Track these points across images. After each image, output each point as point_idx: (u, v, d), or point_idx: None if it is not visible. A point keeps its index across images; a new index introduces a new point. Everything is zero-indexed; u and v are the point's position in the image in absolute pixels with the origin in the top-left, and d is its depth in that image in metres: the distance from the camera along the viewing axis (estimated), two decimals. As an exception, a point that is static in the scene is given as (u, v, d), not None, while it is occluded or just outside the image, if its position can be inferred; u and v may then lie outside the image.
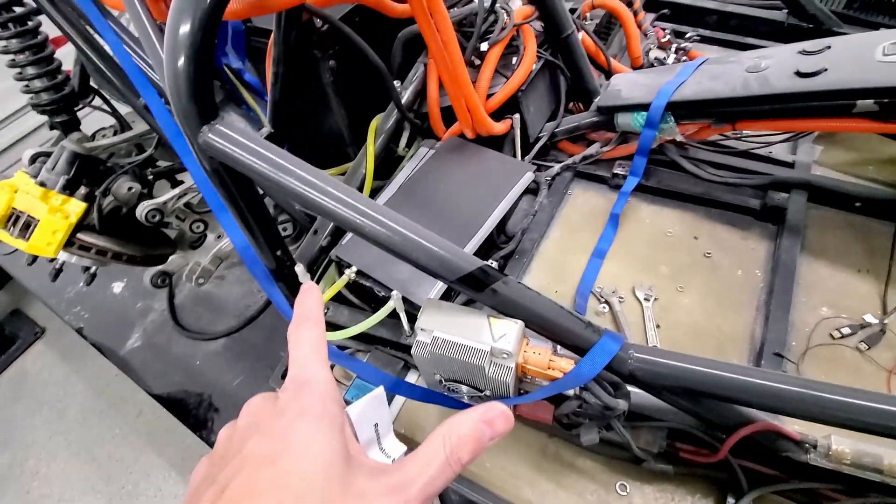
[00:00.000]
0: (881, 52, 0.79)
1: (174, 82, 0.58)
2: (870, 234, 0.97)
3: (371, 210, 0.61)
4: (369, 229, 0.61)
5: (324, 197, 0.61)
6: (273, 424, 0.29)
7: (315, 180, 0.60)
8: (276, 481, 0.25)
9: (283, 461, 0.26)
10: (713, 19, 1.49)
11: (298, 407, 0.29)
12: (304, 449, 0.27)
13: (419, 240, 0.61)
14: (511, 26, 1.00)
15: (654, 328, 0.92)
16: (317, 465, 0.26)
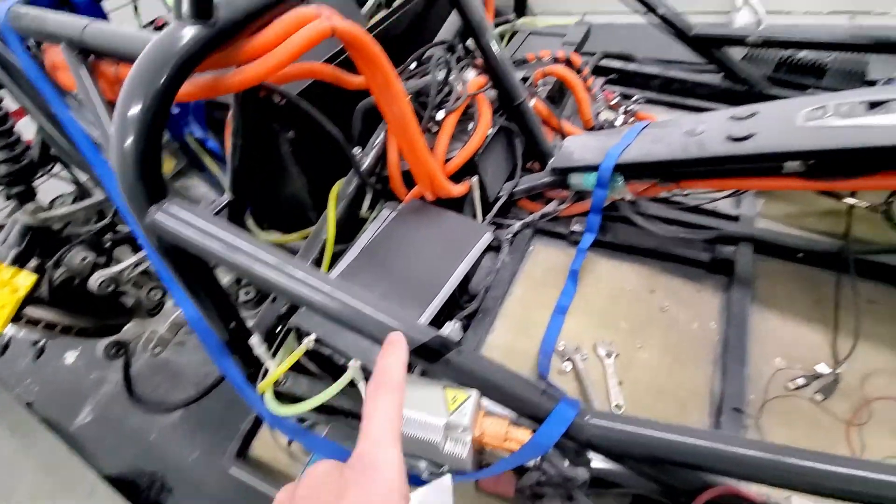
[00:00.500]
0: (802, 117, 0.86)
1: (121, 162, 0.58)
2: (815, 284, 1.01)
3: (321, 284, 0.61)
4: (319, 303, 0.61)
5: (274, 273, 0.61)
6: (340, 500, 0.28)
7: (265, 257, 0.60)
8: None
9: None
10: (657, 83, 1.60)
11: (362, 494, 0.29)
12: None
13: (370, 312, 0.61)
14: (465, 96, 1.05)
15: (616, 386, 0.92)
16: None
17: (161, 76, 0.55)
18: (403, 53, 1.18)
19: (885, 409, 0.84)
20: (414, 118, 0.90)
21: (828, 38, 1.35)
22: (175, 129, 1.12)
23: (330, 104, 1.05)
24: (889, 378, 0.87)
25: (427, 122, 1.02)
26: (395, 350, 0.35)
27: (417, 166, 0.99)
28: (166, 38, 0.56)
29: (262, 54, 0.65)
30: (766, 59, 1.49)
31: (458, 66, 1.13)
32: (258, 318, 0.91)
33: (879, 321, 0.94)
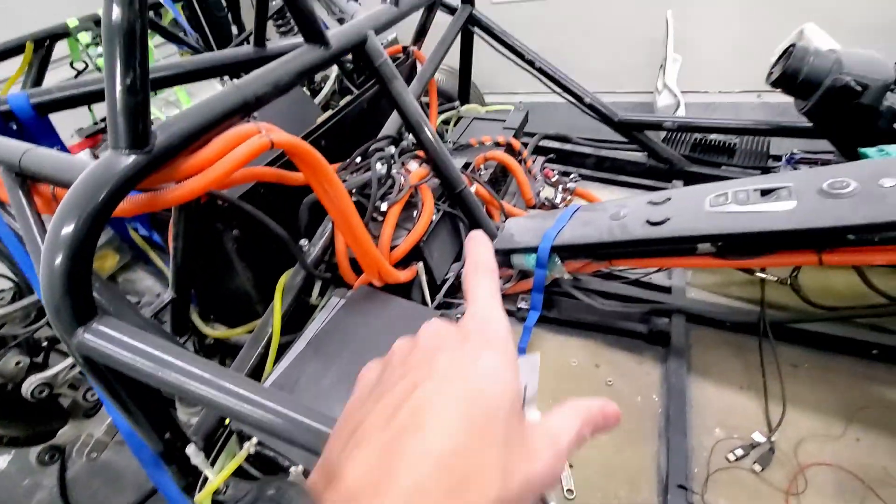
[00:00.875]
0: (708, 203, 0.95)
1: (49, 280, 0.58)
2: (743, 350, 1.08)
3: (252, 396, 0.61)
4: (251, 418, 0.60)
5: (206, 390, 0.60)
6: (460, 348, 0.29)
7: (197, 374, 0.60)
8: (468, 396, 0.26)
9: (475, 381, 0.27)
10: (591, 161, 1.74)
11: (484, 339, 0.30)
12: (494, 376, 0.27)
13: (302, 423, 0.61)
14: (408, 187, 1.11)
15: (567, 468, 0.92)
16: (505, 393, 0.27)
17: (94, 202, 0.57)
18: (354, 146, 1.25)
19: (819, 475, 0.88)
20: (355, 213, 0.95)
21: (734, 124, 1.52)
22: (119, 227, 1.12)
23: (277, 198, 1.09)
24: (819, 443, 0.92)
25: (370, 215, 1.06)
26: (481, 243, 0.37)
27: (363, 257, 1.02)
28: (100, 166, 0.58)
29: (200, 171, 0.68)
30: (683, 139, 1.65)
31: (401, 158, 1.20)
32: (196, 423, 0.88)
33: (803, 385, 1.00)
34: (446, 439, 0.24)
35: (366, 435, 0.25)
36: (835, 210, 0.79)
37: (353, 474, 0.24)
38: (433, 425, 0.24)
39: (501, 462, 0.25)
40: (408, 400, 0.26)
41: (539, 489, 0.26)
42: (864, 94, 0.99)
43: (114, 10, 0.54)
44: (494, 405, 0.26)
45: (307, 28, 0.87)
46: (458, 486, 0.23)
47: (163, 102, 1.67)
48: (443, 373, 0.27)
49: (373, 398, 0.28)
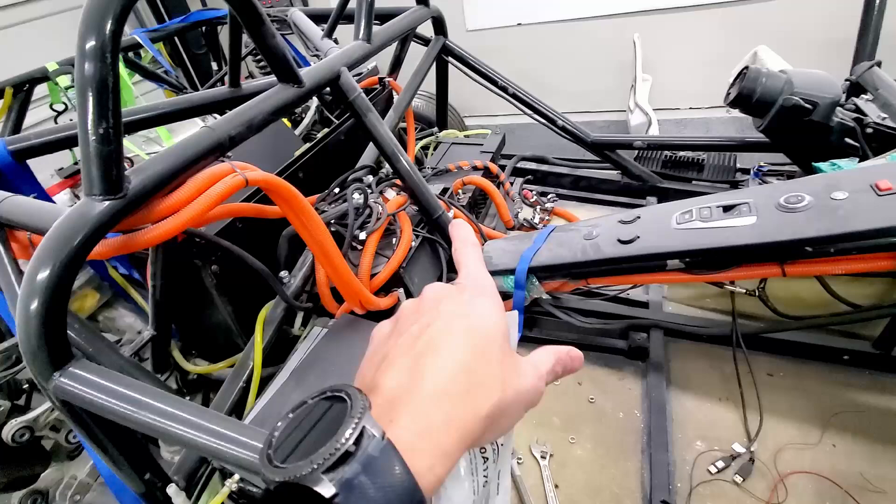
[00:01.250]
0: (674, 221, 0.98)
1: (25, 326, 0.59)
2: (720, 362, 1.10)
3: (233, 434, 0.61)
4: (232, 457, 0.61)
5: (185, 430, 0.61)
6: (459, 297, 0.36)
7: (174, 415, 0.61)
8: (470, 329, 0.33)
9: (474, 319, 0.34)
10: (568, 181, 1.78)
11: (477, 290, 0.38)
12: (488, 315, 0.35)
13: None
14: (385, 216, 1.14)
15: (552, 489, 0.93)
16: (497, 327, 0.34)
17: (68, 248, 0.58)
18: (333, 176, 1.28)
19: (799, 483, 0.89)
20: (333, 244, 0.96)
21: (702, 141, 1.58)
22: (98, 266, 1.12)
23: (256, 232, 1.11)
24: (797, 451, 0.93)
25: (348, 245, 1.08)
26: (464, 225, 0.48)
27: (343, 286, 1.03)
28: (75, 213, 0.59)
29: (175, 212, 0.70)
30: (654, 157, 1.71)
31: (378, 187, 1.22)
32: (178, 461, 0.87)
33: (779, 393, 1.02)
34: (457, 358, 0.31)
35: (393, 359, 0.32)
36: (792, 224, 0.83)
37: (389, 385, 0.30)
38: (446, 349, 0.31)
39: (499, 376, 0.32)
40: (423, 334, 0.33)
41: (525, 401, 0.34)
42: (815, 111, 1.04)
43: (86, 65, 0.56)
44: (491, 336, 0.33)
45: (279, 68, 0.90)
46: (469, 390, 0.30)
47: (143, 139, 1.69)
48: (449, 313, 0.34)
49: (394, 337, 0.35)
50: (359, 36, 1.24)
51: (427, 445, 0.27)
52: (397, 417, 0.28)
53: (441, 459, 0.27)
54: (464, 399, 0.29)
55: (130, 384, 0.61)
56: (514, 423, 0.35)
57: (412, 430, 0.27)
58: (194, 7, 3.24)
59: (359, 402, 0.26)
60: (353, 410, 0.26)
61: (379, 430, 0.26)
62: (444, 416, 0.28)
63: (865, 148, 1.08)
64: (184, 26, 2.06)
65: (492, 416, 0.31)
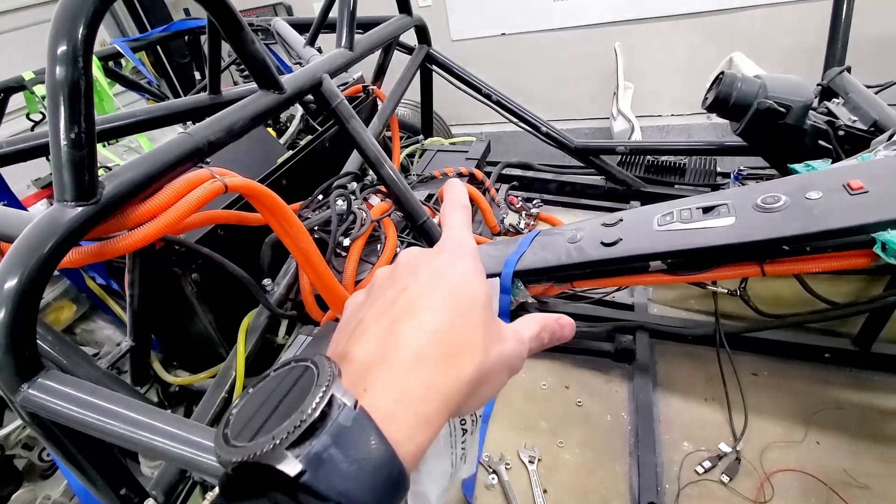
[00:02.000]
0: (656, 223, 0.99)
1: (-7, 337, 0.57)
2: (705, 362, 1.10)
3: (205, 441, 0.60)
4: (211, 469, 0.59)
5: (160, 441, 0.59)
6: (437, 259, 0.33)
7: (148, 425, 0.59)
8: (451, 290, 0.30)
9: (454, 280, 0.31)
10: (553, 186, 1.80)
11: (458, 252, 0.34)
12: (469, 277, 0.32)
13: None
14: (369, 222, 1.13)
15: (541, 494, 0.92)
16: (479, 289, 0.31)
17: (37, 255, 0.57)
18: (317, 183, 1.27)
19: (784, 481, 0.90)
20: (316, 251, 0.95)
21: (683, 146, 1.61)
22: (75, 276, 1.10)
23: (238, 239, 1.09)
24: (782, 449, 0.94)
25: (332, 252, 1.07)
26: (457, 184, 0.43)
27: (327, 293, 1.02)
28: (45, 219, 0.58)
29: (151, 219, 0.68)
30: (637, 162, 1.73)
31: (362, 194, 1.22)
32: (157, 474, 0.85)
33: (763, 392, 1.03)
34: (438, 319, 0.29)
35: (367, 325, 0.29)
36: (769, 223, 0.84)
37: (362, 352, 0.28)
38: (424, 311, 0.29)
39: (482, 339, 0.30)
40: (399, 298, 0.30)
41: (508, 366, 0.33)
42: (788, 114, 1.06)
43: (57, 69, 0.55)
44: (472, 297, 0.31)
45: (259, 74, 0.90)
46: (450, 353, 0.28)
47: (124, 149, 1.67)
48: (426, 276, 0.32)
49: (367, 304, 0.32)
50: (341, 44, 1.25)
51: (406, 413, 0.25)
52: (372, 385, 0.25)
53: (422, 427, 0.25)
54: (445, 363, 0.27)
55: (103, 394, 0.59)
56: (496, 391, 0.33)
57: (388, 397, 0.25)
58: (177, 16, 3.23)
59: (326, 369, 0.24)
60: (321, 379, 0.23)
61: (351, 398, 0.23)
62: (424, 382, 0.26)
63: (838, 149, 1.11)
64: (166, 35, 2.04)
65: (474, 381, 0.29)
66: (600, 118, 3.13)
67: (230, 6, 0.82)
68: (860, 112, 1.16)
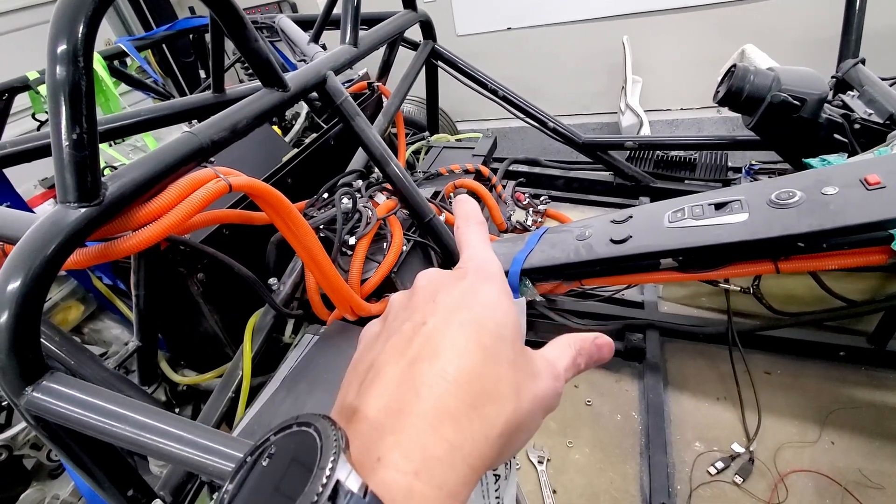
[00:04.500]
0: (666, 220, 0.97)
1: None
2: (717, 361, 1.09)
3: (219, 447, 0.59)
4: (218, 471, 0.59)
5: (169, 444, 0.59)
6: (458, 284, 0.30)
7: (157, 429, 0.58)
8: (475, 322, 0.27)
9: (479, 310, 0.27)
10: (561, 183, 1.78)
11: (482, 275, 0.30)
12: (495, 305, 0.28)
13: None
14: (375, 220, 1.12)
15: (550, 495, 0.91)
16: (507, 319, 0.28)
17: (40, 257, 0.56)
18: (323, 181, 1.26)
19: (798, 482, 0.88)
20: (321, 250, 0.94)
21: (693, 140, 1.58)
22: (81, 276, 1.10)
23: (243, 238, 1.09)
24: (796, 449, 0.92)
25: (337, 250, 1.06)
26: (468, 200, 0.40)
27: (333, 292, 1.01)
28: (47, 221, 0.57)
29: (155, 219, 0.68)
30: (647, 157, 1.71)
31: (368, 192, 1.21)
32: (165, 475, 0.85)
33: (777, 391, 1.01)
34: (462, 361, 0.25)
35: (380, 370, 0.25)
36: (783, 220, 0.82)
37: (375, 406, 0.24)
38: (447, 350, 0.25)
39: (513, 380, 0.26)
40: (417, 334, 0.26)
41: (544, 407, 0.28)
42: (803, 107, 1.04)
43: (57, 69, 0.54)
44: (500, 330, 0.27)
45: (263, 72, 0.89)
46: (477, 401, 0.24)
47: (130, 148, 1.67)
48: (447, 306, 0.28)
49: (381, 340, 0.29)
50: (345, 40, 1.23)
51: (427, 487, 0.21)
52: (387, 453, 0.22)
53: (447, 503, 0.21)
54: (470, 417, 0.23)
55: (108, 396, 0.59)
56: (531, 436, 0.29)
57: (407, 469, 0.21)
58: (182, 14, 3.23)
59: (331, 442, 0.20)
60: (324, 456, 0.20)
61: (358, 481, 0.19)
62: (448, 443, 0.22)
63: (854, 143, 1.08)
64: (170, 34, 2.04)
65: (506, 433, 0.24)
66: (608, 113, 3.09)
67: (234, 4, 0.81)
68: (876, 105, 1.13)
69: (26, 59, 1.77)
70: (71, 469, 0.68)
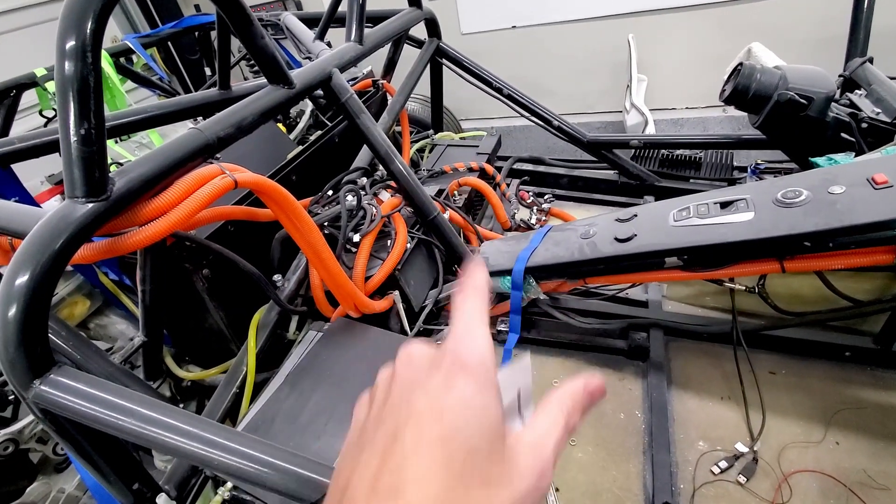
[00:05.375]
0: (672, 218, 0.97)
1: (2, 332, 0.57)
2: (721, 360, 1.08)
3: (223, 441, 0.60)
4: (222, 465, 0.59)
5: (172, 437, 0.59)
6: (433, 379, 0.29)
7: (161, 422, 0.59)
8: (446, 437, 0.26)
9: (451, 418, 0.27)
10: (565, 181, 1.77)
11: (459, 364, 0.29)
12: (470, 407, 0.27)
13: (278, 464, 0.59)
14: (379, 218, 1.12)
15: (553, 493, 0.91)
16: (482, 423, 0.27)
17: (48, 252, 0.57)
18: (327, 179, 1.27)
19: (802, 482, 0.87)
20: (326, 246, 0.95)
21: (698, 139, 1.57)
22: (88, 272, 1.10)
23: (248, 235, 1.09)
24: (801, 449, 0.92)
25: (342, 247, 1.06)
26: (479, 269, 0.37)
27: (337, 289, 1.02)
28: (56, 216, 0.58)
29: (162, 214, 0.68)
30: (652, 156, 1.70)
31: (372, 189, 1.21)
32: (170, 469, 0.85)
33: (781, 391, 1.00)
34: (429, 492, 0.24)
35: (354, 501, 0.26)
36: (790, 219, 0.81)
37: None
38: (410, 484, 0.25)
39: (485, 498, 0.25)
40: (388, 458, 0.26)
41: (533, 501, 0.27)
42: (810, 106, 1.03)
43: (66, 65, 0.55)
44: (472, 441, 0.26)
45: (269, 69, 0.89)
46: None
47: (136, 145, 1.68)
48: (419, 415, 0.28)
49: (358, 447, 0.29)
50: (350, 38, 1.23)
51: None
52: None
53: None
54: None
55: (115, 390, 0.60)
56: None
57: None
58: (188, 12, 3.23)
59: None
60: None
61: None
62: None
63: (861, 142, 1.07)
64: (176, 31, 2.05)
65: None
66: (612, 112, 3.08)
67: (240, 2, 0.81)
68: (883, 104, 1.12)
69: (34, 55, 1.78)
70: (77, 462, 0.69)
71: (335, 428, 0.92)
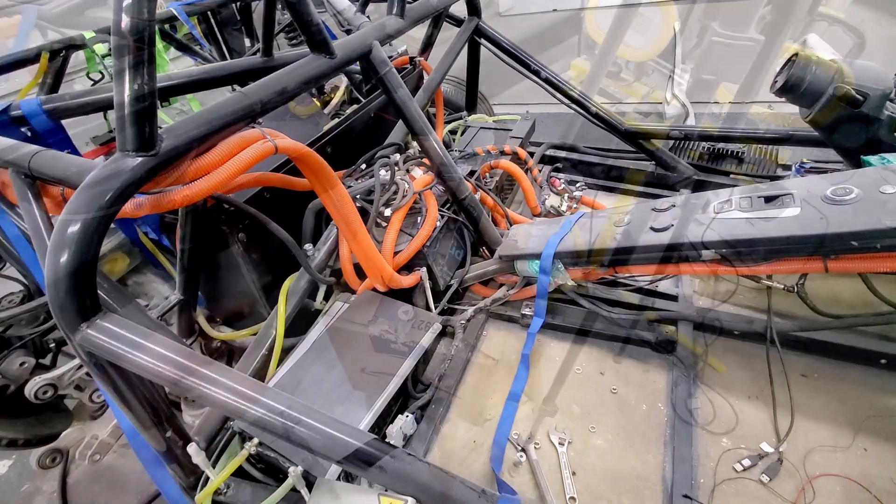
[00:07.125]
0: (712, 210, 0.95)
1: (54, 277, 0.59)
2: (751, 359, 1.06)
3: (256, 394, 0.62)
4: (253, 417, 0.61)
5: (208, 388, 0.61)
6: None
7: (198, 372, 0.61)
8: None
9: None
10: (598, 170, 1.74)
11: None
12: None
13: (304, 423, 0.61)
14: (411, 194, 1.13)
15: (570, 476, 0.91)
16: None
17: (100, 201, 0.59)
18: (361, 153, 1.27)
19: (827, 486, 0.86)
20: (358, 218, 0.96)
21: (742, 133, 1.51)
22: (129, 230, 1.14)
23: (282, 203, 1.11)
24: (828, 453, 0.90)
25: (373, 221, 1.07)
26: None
27: (366, 262, 1.03)
28: (108, 167, 0.60)
29: (206, 174, 0.70)
30: (691, 148, 1.65)
31: (405, 165, 1.21)
32: (198, 424, 0.89)
33: (813, 394, 0.98)
34: None
35: None
36: (838, 216, 0.78)
37: None
38: None
39: None
40: None
41: None
42: (865, 103, 0.98)
43: (123, 19, 0.56)
44: None
45: (313, 38, 0.89)
46: None
47: (176, 112, 1.71)
48: None
49: None
50: (392, 10, 1.22)
51: None
52: None
53: None
54: None
55: (157, 340, 0.62)
56: None
57: None
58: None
59: None
60: None
61: None
62: None
63: (919, 143, 1.02)
64: (220, 1, 2.06)
65: None
66: (649, 102, 3.00)
67: (288, -34, 0.81)
68: (946, 103, 1.06)
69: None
70: (115, 407, 0.72)
71: (358, 396, 0.94)
